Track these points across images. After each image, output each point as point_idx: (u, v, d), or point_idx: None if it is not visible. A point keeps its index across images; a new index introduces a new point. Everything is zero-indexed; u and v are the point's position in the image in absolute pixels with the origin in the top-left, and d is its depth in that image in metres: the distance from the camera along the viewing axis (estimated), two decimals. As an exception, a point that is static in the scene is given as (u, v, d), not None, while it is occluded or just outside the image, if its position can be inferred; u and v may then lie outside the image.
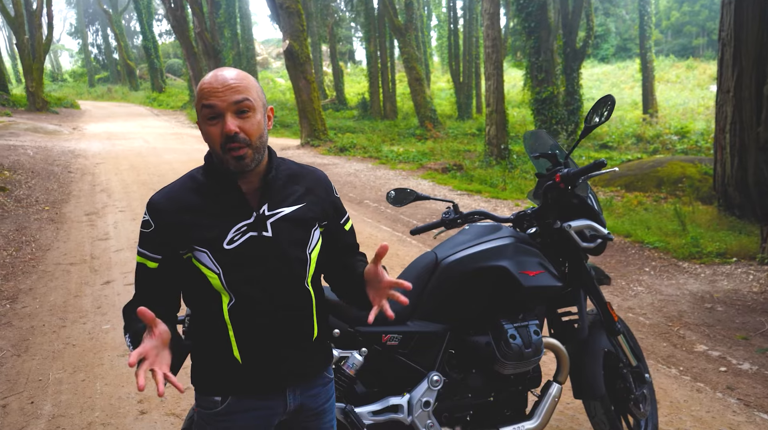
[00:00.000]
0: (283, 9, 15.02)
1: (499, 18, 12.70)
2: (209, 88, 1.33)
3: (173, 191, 1.41)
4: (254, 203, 1.43)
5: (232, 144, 1.32)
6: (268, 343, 1.44)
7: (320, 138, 15.52)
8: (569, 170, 2.34)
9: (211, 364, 1.45)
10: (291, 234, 1.45)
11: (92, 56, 46.16)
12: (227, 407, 1.46)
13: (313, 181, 1.56)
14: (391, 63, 26.92)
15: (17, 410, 3.14)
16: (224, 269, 1.38)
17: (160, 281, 1.41)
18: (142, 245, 1.41)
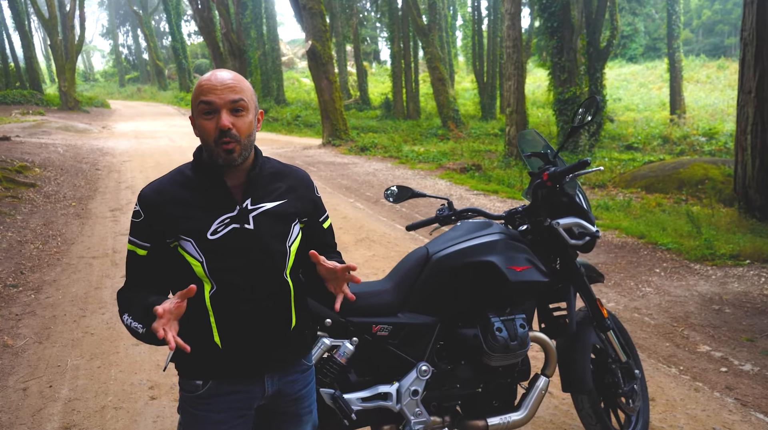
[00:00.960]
0: (306, 10, 15.20)
1: (520, 18, 12.68)
2: (208, 86, 1.44)
3: (162, 184, 1.52)
4: (238, 197, 1.53)
5: (224, 138, 1.43)
6: (247, 330, 1.53)
7: (342, 138, 15.66)
8: (556, 169, 2.41)
9: (193, 349, 1.51)
10: (272, 228, 1.55)
11: (123, 57, 47.17)
12: (208, 390, 1.55)
13: (296, 179, 1.67)
14: (414, 63, 26.96)
15: (36, 393, 3.32)
16: (207, 257, 1.48)
17: (149, 268, 1.52)
18: (132, 233, 1.52)
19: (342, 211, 7.62)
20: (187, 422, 1.60)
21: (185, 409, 1.60)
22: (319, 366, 2.19)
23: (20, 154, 11.76)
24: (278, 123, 22.58)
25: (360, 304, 2.29)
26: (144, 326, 1.42)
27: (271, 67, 29.20)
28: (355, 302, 2.28)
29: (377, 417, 2.31)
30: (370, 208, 7.86)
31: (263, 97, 29.11)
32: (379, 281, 2.45)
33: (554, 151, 2.56)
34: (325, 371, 2.19)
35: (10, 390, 3.35)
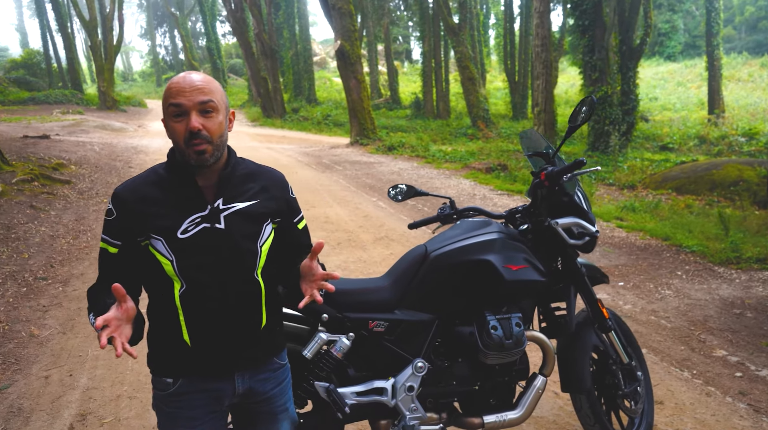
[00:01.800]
0: (335, 10, 15.32)
1: (549, 17, 12.56)
2: (177, 88, 1.46)
3: (135, 183, 1.54)
4: (210, 197, 1.54)
5: (194, 140, 1.45)
6: (216, 329, 1.55)
7: (369, 137, 15.74)
8: (553, 169, 2.41)
9: (164, 347, 1.57)
10: (243, 227, 1.56)
11: (160, 57, 48.24)
12: (178, 388, 1.57)
13: (269, 180, 1.67)
14: (445, 62, 26.89)
15: (57, 381, 3.46)
16: (177, 256, 1.49)
17: (120, 266, 1.53)
18: (104, 231, 1.53)
19: (364, 210, 7.68)
20: (162, 419, 1.63)
21: (159, 407, 1.63)
22: (315, 360, 2.24)
23: (58, 152, 12.17)
24: (308, 122, 22.80)
25: (357, 299, 2.33)
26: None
27: (303, 67, 29.47)
28: (352, 297, 2.35)
29: (372, 412, 2.35)
30: (392, 208, 7.90)
31: (295, 96, 29.42)
32: (377, 278, 2.48)
33: (554, 150, 2.55)
34: (321, 365, 2.24)
35: (33, 378, 3.50)
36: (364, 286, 2.41)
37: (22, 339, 4.00)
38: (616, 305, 4.57)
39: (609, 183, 11.49)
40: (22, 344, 3.93)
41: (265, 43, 24.56)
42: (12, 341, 3.96)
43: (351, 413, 2.29)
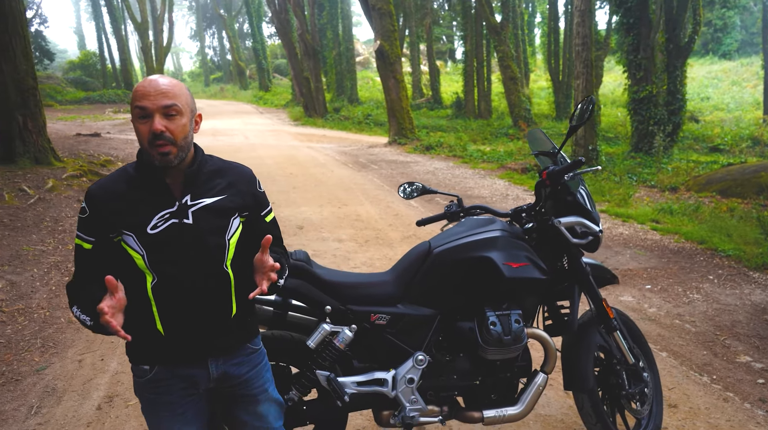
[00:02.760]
0: (375, 10, 15.43)
1: (590, 15, 12.33)
2: (143, 92, 1.53)
3: (107, 183, 1.62)
4: (177, 194, 1.62)
5: (158, 141, 1.52)
6: (188, 318, 1.63)
7: (407, 136, 15.79)
8: (554, 168, 2.43)
9: (139, 336, 1.61)
10: (210, 222, 1.63)
11: (208, 58, 49.48)
12: (155, 375, 1.66)
13: (237, 176, 1.75)
14: (487, 62, 26.67)
15: (89, 364, 3.66)
16: (147, 250, 1.57)
17: (95, 261, 1.60)
18: (79, 228, 1.61)
19: (395, 209, 7.75)
20: (144, 404, 1.73)
21: (140, 393, 1.73)
22: (319, 350, 2.33)
23: (107, 149, 12.70)
24: (349, 122, 22.98)
25: (360, 293, 2.41)
26: (92, 319, 1.52)
27: (346, 67, 29.72)
28: (356, 290, 2.43)
29: (373, 402, 2.42)
30: (423, 207, 7.94)
31: (337, 96, 29.70)
32: (381, 273, 2.55)
33: (557, 149, 2.57)
34: (324, 355, 2.33)
35: (68, 361, 3.72)
36: (368, 280, 2.48)
37: (60, 325, 4.24)
38: (640, 307, 4.51)
39: (651, 185, 11.22)
40: (61, 329, 4.17)
41: (308, 44, 24.90)
42: (52, 326, 4.20)
43: (352, 402, 2.38)
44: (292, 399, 2.35)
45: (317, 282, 2.34)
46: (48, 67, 35.61)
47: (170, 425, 1.70)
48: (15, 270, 5.17)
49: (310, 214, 7.48)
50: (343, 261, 5.49)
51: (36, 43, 31.94)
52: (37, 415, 3.10)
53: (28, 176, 8.32)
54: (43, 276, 5.11)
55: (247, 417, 1.82)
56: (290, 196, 8.66)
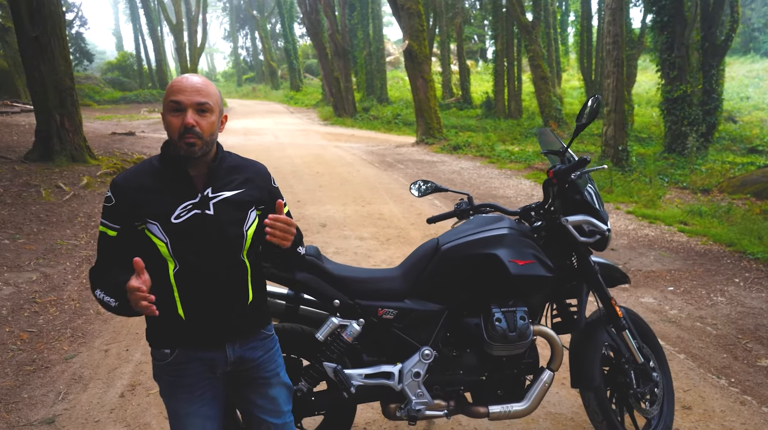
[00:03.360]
0: (404, 10, 15.47)
1: (621, 14, 12.14)
2: (178, 87, 1.65)
3: (132, 174, 1.72)
4: (200, 186, 1.71)
5: (187, 134, 1.62)
6: (207, 304, 1.72)
7: (435, 136, 15.78)
8: (561, 167, 2.44)
9: (160, 321, 1.71)
10: (230, 214, 1.73)
11: (241, 58, 50.22)
12: (175, 358, 1.75)
13: (254, 172, 1.84)
14: (518, 61, 26.45)
15: (115, 354, 3.80)
16: (171, 239, 1.66)
17: (118, 248, 1.69)
18: (104, 216, 1.70)
19: (418, 208, 7.78)
20: (163, 387, 1.82)
21: (159, 376, 1.81)
22: (327, 343, 2.39)
23: (140, 147, 13.03)
24: (378, 121, 23.06)
25: (368, 287, 2.46)
26: (116, 301, 1.63)
27: (376, 67, 29.81)
28: (364, 285, 2.49)
29: (380, 394, 2.47)
30: (447, 206, 7.95)
31: (367, 95, 29.82)
32: (390, 269, 2.60)
33: (565, 147, 2.58)
34: (332, 347, 2.39)
35: (95, 350, 3.86)
36: (376, 275, 2.54)
37: (89, 316, 4.40)
38: (661, 309, 4.46)
39: (682, 186, 11.01)
40: (89, 320, 4.33)
41: (338, 44, 25.09)
42: (81, 317, 4.36)
43: (359, 394, 2.43)
44: (301, 390, 2.42)
45: (327, 277, 2.40)
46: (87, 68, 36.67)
47: (189, 406, 1.79)
48: (49, 263, 5.39)
49: (334, 212, 7.57)
50: (364, 259, 5.56)
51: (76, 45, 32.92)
52: (64, 401, 3.24)
53: (64, 173, 8.62)
54: (75, 269, 5.31)
55: (259, 400, 1.90)
56: (316, 195, 8.76)
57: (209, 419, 1.82)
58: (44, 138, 9.35)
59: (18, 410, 3.15)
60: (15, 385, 3.40)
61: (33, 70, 9.27)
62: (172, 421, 1.83)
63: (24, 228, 6.17)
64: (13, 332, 4.03)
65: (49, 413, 3.11)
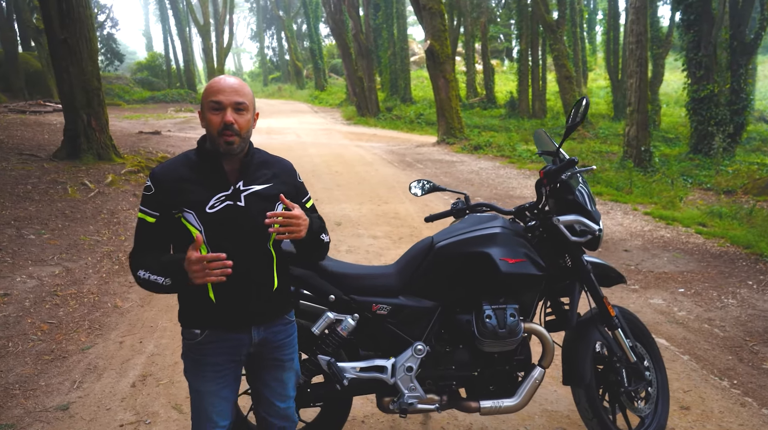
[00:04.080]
0: (426, 10, 15.51)
1: (645, 12, 12.00)
2: (218, 88, 1.78)
3: (171, 165, 1.86)
4: (233, 179, 1.85)
5: (227, 131, 1.76)
6: (236, 289, 1.85)
7: (456, 136, 15.78)
8: (551, 167, 2.48)
9: (192, 303, 1.88)
10: (259, 205, 1.85)
11: (267, 58, 50.71)
12: (204, 338, 1.88)
13: (281, 168, 1.99)
14: (542, 60, 26.24)
15: (129, 346, 3.94)
16: (206, 227, 1.80)
17: (156, 234, 1.84)
18: (143, 204, 1.83)
19: (432, 208, 7.83)
20: (189, 365, 1.95)
21: (187, 355, 1.95)
22: (322, 336, 2.47)
23: (165, 146, 13.31)
24: (401, 121, 23.12)
25: (363, 283, 2.54)
26: (165, 278, 1.77)
27: (400, 66, 29.85)
28: (359, 281, 2.56)
29: (373, 387, 2.54)
30: (462, 206, 7.99)
31: (390, 95, 29.87)
32: (386, 266, 2.68)
33: (557, 148, 2.62)
34: (327, 341, 2.47)
35: (110, 342, 4.01)
36: (372, 272, 2.61)
37: (107, 309, 4.56)
38: (669, 311, 4.44)
39: (706, 188, 10.85)
40: (107, 313, 4.49)
41: (362, 44, 25.22)
42: (99, 310, 4.53)
43: (354, 387, 2.51)
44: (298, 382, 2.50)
45: (323, 272, 2.49)
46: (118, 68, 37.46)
47: (211, 385, 1.91)
48: (71, 258, 5.58)
49: (350, 211, 7.66)
50: (375, 257, 5.63)
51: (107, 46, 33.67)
52: (79, 389, 3.38)
53: (90, 171, 8.88)
54: (96, 264, 5.49)
55: (272, 381, 2.04)
56: (333, 194, 8.87)
57: (226, 401, 1.96)
58: (72, 137, 9.63)
59: (35, 396, 3.30)
60: (34, 373, 3.56)
61: (62, 72, 9.56)
62: (193, 398, 1.96)
63: (49, 224, 6.39)
64: (35, 323, 4.21)
65: (64, 401, 3.25)
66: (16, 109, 18.03)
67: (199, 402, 1.94)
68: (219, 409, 1.94)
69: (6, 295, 4.60)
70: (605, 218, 7.46)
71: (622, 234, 6.64)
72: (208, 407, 1.93)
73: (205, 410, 1.93)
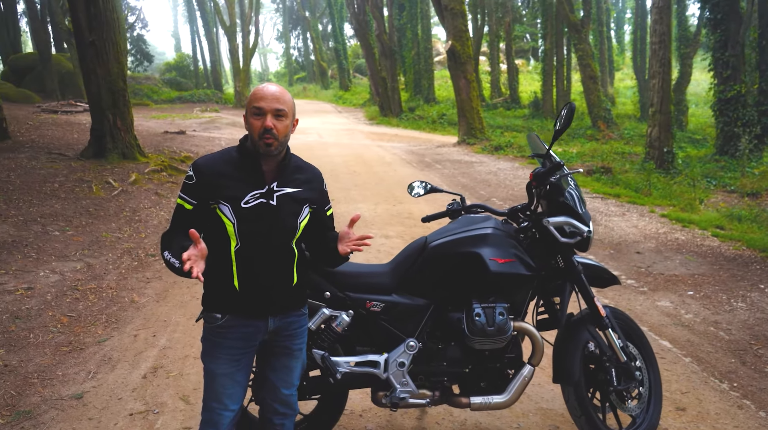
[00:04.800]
0: (447, 10, 15.54)
1: (669, 12, 11.87)
2: (261, 95, 1.94)
3: (213, 159, 2.02)
4: (268, 180, 2.01)
5: (266, 135, 1.91)
6: (259, 280, 2.01)
7: (477, 137, 15.77)
8: (540, 170, 2.54)
9: (217, 289, 2.02)
10: (289, 206, 2.02)
11: (293, 58, 51.15)
12: (225, 322, 2.03)
13: (312, 175, 2.17)
14: (567, 60, 26.02)
15: (143, 339, 4.10)
16: (239, 221, 1.95)
17: (191, 220, 1.97)
18: (183, 191, 1.99)
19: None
20: (207, 347, 2.09)
21: (206, 337, 2.09)
22: (318, 332, 2.57)
23: (189, 146, 13.59)
24: (423, 121, 23.15)
25: (358, 281, 2.63)
26: (181, 263, 1.87)
27: (423, 67, 29.88)
28: (354, 279, 2.66)
29: (366, 382, 2.63)
30: (477, 206, 8.03)
31: (414, 95, 29.92)
32: (381, 265, 2.76)
33: (546, 150, 2.67)
34: (323, 336, 2.56)
35: (125, 335, 4.17)
36: (367, 270, 2.70)
37: (124, 304, 4.74)
38: (676, 313, 4.43)
39: (730, 190, 10.69)
40: (124, 307, 4.66)
41: (385, 44, 25.33)
42: (116, 305, 4.70)
43: (348, 381, 2.60)
44: (295, 375, 2.60)
45: (319, 270, 2.58)
46: (147, 69, 38.24)
47: (225, 367, 2.04)
48: (93, 254, 5.79)
49: (365, 210, 7.76)
50: (386, 256, 5.72)
51: (137, 47, 34.40)
52: (93, 379, 3.54)
53: (115, 170, 9.14)
54: (116, 260, 5.69)
55: (280, 368, 2.19)
56: (350, 194, 8.98)
57: (238, 385, 2.08)
58: (98, 136, 9.93)
59: (52, 385, 3.47)
60: (52, 363, 3.74)
61: (90, 73, 9.87)
62: (207, 380, 2.09)
63: (74, 221, 6.63)
64: (55, 316, 4.40)
65: (79, 390, 3.41)
66: (49, 109, 18.56)
67: (211, 384, 2.07)
68: (230, 392, 2.06)
69: (29, 288, 4.81)
70: (621, 219, 7.43)
71: (636, 236, 6.61)
72: (219, 389, 2.05)
73: (217, 392, 2.05)
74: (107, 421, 3.08)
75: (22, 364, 3.70)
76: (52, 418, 3.12)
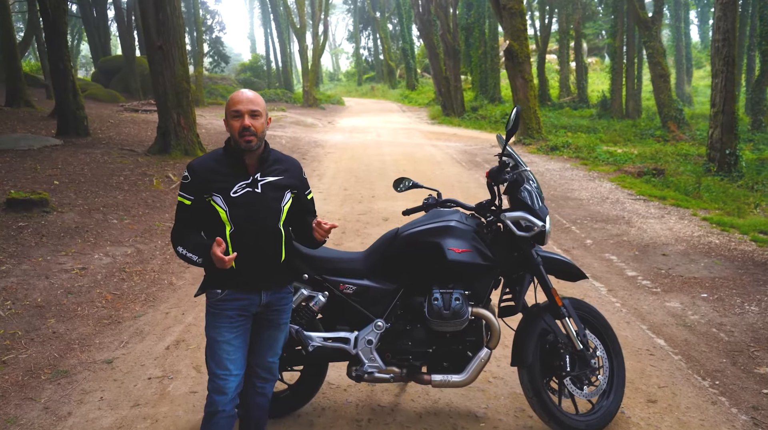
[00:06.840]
0: (506, 10, 15.51)
1: (734, 8, 11.37)
2: (237, 100, 2.31)
3: (204, 160, 2.40)
4: (252, 171, 2.37)
5: (245, 133, 2.27)
6: (252, 258, 2.35)
7: (533, 137, 15.66)
8: (493, 169, 2.74)
9: (217, 269, 2.31)
10: (272, 193, 2.38)
11: (363, 58, 51.97)
12: (224, 296, 2.38)
13: (290, 164, 2.51)
14: (638, 58, 25.16)
15: (172, 317, 4.57)
16: (229, 208, 2.31)
17: (191, 213, 2.35)
18: (182, 189, 2.35)
19: (484, 206, 8.02)
20: (209, 319, 2.44)
21: (209, 310, 2.43)
22: (297, 310, 2.88)
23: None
24: (485, 121, 23.06)
25: (335, 266, 2.93)
26: (199, 257, 2.29)
27: (490, 66, 29.71)
28: (331, 264, 2.96)
29: (338, 356, 2.92)
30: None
31: (479, 94, 29.80)
32: (357, 252, 3.05)
33: (502, 151, 2.87)
34: (301, 313, 2.88)
35: (158, 312, 4.66)
36: (343, 256, 3.00)
37: (162, 285, 5.25)
38: (683, 314, 4.45)
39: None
40: (162, 289, 5.18)
41: (448, 44, 25.42)
42: (156, 286, 5.22)
43: (320, 354, 2.91)
44: (276, 347, 2.93)
45: (300, 254, 2.90)
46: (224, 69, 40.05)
47: (226, 334, 2.37)
48: (144, 240, 6.39)
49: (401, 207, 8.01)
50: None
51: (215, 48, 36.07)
52: (124, 348, 4.02)
53: (176, 165, 9.86)
54: (163, 247, 6.25)
55: (266, 338, 2.53)
56: (391, 192, 9.26)
57: (239, 350, 2.40)
58: (164, 134, 10.72)
59: (89, 351, 3.98)
60: (92, 333, 4.26)
61: (157, 75, 10.68)
62: (210, 351, 2.42)
63: (132, 211, 7.29)
64: (102, 294, 4.96)
65: (110, 356, 3.90)
66: (130, 108, 19.97)
67: (214, 351, 2.38)
68: (233, 357, 2.38)
69: (84, 268, 5.42)
70: (657, 222, 7.32)
71: (667, 238, 6.53)
72: (222, 354, 2.36)
73: (220, 358, 2.36)
74: (128, 383, 3.53)
75: (67, 332, 4.25)
76: (84, 378, 3.61)
